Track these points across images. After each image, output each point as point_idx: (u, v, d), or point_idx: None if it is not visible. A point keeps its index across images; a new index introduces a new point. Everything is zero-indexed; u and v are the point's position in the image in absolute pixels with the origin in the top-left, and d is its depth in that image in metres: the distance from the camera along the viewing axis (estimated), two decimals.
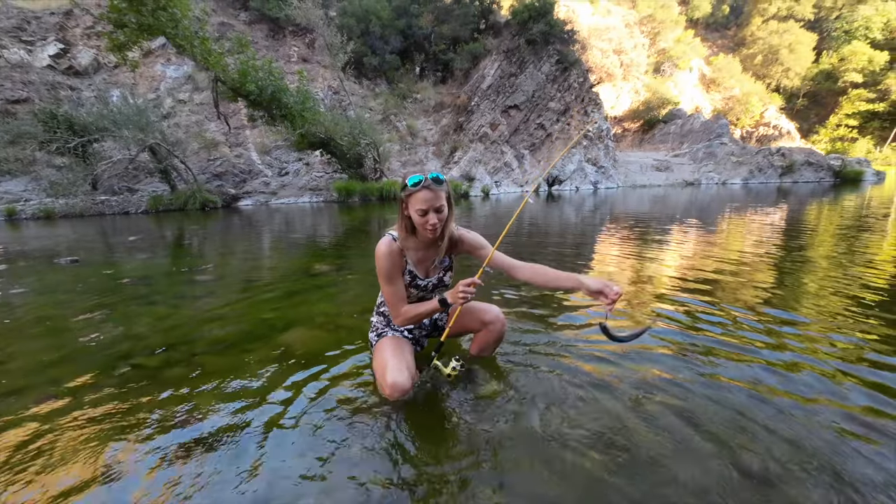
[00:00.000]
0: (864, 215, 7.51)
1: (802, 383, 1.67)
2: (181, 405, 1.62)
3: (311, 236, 6.92)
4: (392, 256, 1.52)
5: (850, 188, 17.06)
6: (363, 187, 16.53)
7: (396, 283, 1.56)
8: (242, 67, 12.91)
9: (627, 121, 35.13)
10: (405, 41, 23.05)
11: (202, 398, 1.67)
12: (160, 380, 1.84)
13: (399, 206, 1.49)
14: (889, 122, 37.16)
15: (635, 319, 2.46)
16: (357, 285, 3.44)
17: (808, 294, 2.91)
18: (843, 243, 4.79)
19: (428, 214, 1.42)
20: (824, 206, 9.78)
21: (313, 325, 2.49)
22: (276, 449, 1.35)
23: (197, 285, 3.66)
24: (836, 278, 3.24)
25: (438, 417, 1.51)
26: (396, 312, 1.57)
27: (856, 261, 3.84)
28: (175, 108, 17.93)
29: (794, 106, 42.23)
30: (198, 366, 1.97)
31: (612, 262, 4.16)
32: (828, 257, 4.10)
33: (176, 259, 5.29)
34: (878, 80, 37.28)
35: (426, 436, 1.40)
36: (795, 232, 5.90)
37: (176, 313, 2.85)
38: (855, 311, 2.48)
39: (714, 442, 1.31)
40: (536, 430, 1.39)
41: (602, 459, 1.25)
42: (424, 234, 1.48)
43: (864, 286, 2.99)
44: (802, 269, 3.67)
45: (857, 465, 1.20)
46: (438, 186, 1.41)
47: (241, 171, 17.64)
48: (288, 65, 20.26)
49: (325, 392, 1.68)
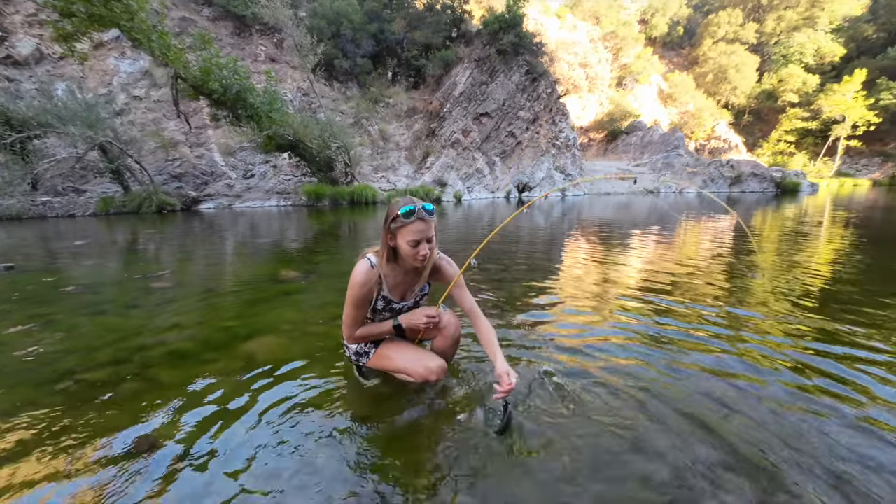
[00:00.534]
0: (803, 222, 8.23)
1: (755, 370, 1.80)
2: (132, 423, 1.51)
3: (278, 241, 6.69)
4: (368, 285, 1.50)
5: (790, 198, 18.65)
6: (334, 191, 16.22)
7: (361, 309, 1.57)
8: (205, 65, 12.35)
9: (593, 131, 36.70)
10: (377, 45, 22.97)
11: (156, 414, 1.56)
12: (109, 396, 1.71)
13: (384, 233, 1.45)
14: (821, 139, 41.04)
15: (602, 315, 2.55)
16: (327, 292, 3.36)
17: (758, 292, 3.14)
18: (786, 247, 5.23)
19: (420, 245, 1.40)
20: (769, 214, 10.62)
21: (279, 333, 2.40)
22: (238, 466, 1.29)
23: (152, 293, 3.44)
24: (782, 278, 3.53)
25: (409, 425, 1.49)
26: (349, 333, 1.62)
27: (796, 262, 4.19)
28: (130, 105, 16.86)
29: (741, 121, 45.72)
30: (151, 379, 1.85)
31: (579, 264, 4.31)
32: (773, 260, 4.45)
33: (128, 265, 4.95)
34: (811, 100, 41.14)
35: (395, 444, 1.39)
36: (745, 237, 6.36)
37: (127, 323, 2.66)
38: (798, 305, 2.71)
39: (678, 427, 1.38)
40: (506, 434, 1.41)
41: (568, 457, 1.28)
42: (413, 263, 1.46)
43: (803, 285, 3.28)
44: (752, 269, 3.96)
45: (812, 436, 1.30)
46: (430, 217, 1.40)
47: (202, 173, 16.81)
48: (255, 64, 19.62)
49: (292, 404, 1.62)
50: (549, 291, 3.24)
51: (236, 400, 1.65)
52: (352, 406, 1.60)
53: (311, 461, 1.29)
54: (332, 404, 1.61)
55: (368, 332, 1.63)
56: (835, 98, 38.16)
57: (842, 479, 1.19)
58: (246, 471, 1.26)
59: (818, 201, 15.64)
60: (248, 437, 1.42)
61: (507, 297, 3.06)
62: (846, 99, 37.52)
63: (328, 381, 1.79)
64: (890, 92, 36.47)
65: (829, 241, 5.80)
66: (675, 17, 51.92)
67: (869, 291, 3.15)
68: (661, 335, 2.28)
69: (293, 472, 1.25)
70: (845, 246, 5.36)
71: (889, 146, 38.79)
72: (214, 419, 1.52)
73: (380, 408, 1.58)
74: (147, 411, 1.58)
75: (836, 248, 5.25)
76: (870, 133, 38.33)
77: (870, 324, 2.43)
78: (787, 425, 1.45)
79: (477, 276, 3.73)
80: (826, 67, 43.30)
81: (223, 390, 1.72)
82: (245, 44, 20.51)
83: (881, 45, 41.08)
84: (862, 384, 1.74)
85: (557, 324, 2.49)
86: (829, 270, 3.94)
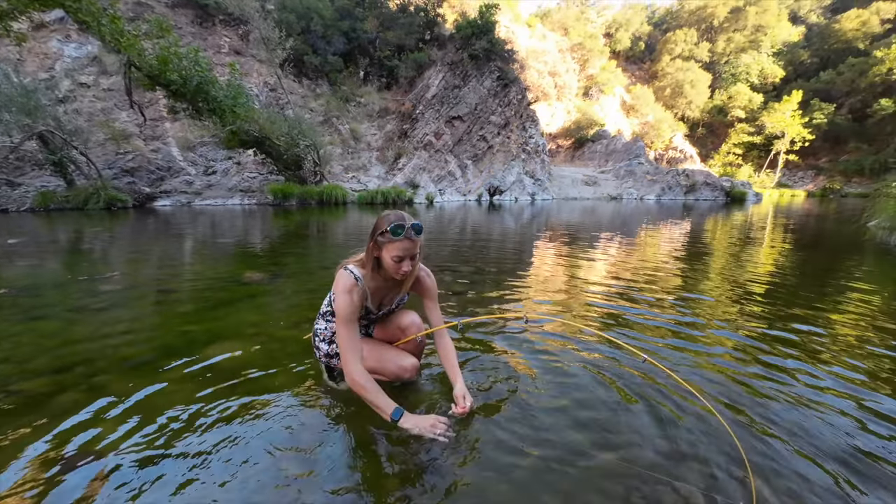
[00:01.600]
0: (749, 228, 8.91)
1: (709, 354, 1.92)
2: (75, 437, 1.39)
3: (241, 241, 6.39)
4: (354, 298, 1.43)
5: (738, 206, 20.14)
6: (302, 190, 15.74)
7: (354, 328, 1.44)
8: (162, 54, 11.64)
9: (561, 138, 37.92)
10: (349, 43, 22.59)
11: (103, 427, 1.45)
12: (49, 408, 1.57)
13: (369, 243, 1.45)
14: (764, 153, 44.72)
15: (572, 314, 2.63)
16: (295, 294, 3.25)
17: (711, 288, 3.37)
18: (735, 249, 5.64)
19: (403, 262, 1.41)
20: (719, 220, 11.42)
21: (242, 337, 2.29)
22: (194, 479, 1.22)
23: (99, 296, 3.19)
24: (730, 275, 3.80)
25: (380, 427, 1.47)
26: (350, 367, 1.39)
27: (743, 260, 4.54)
28: (75, 93, 15.56)
29: (695, 134, 48.88)
30: (98, 389, 1.71)
31: (548, 265, 4.43)
32: (723, 260, 4.78)
33: (72, 266, 4.55)
34: (756, 116, 44.73)
35: (365, 447, 1.36)
36: (699, 241, 6.80)
37: (70, 329, 2.45)
38: (745, 298, 2.93)
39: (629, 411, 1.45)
40: (476, 432, 1.42)
41: (540, 453, 1.31)
42: (394, 276, 1.46)
43: (749, 280, 3.55)
44: (706, 267, 4.24)
45: (757, 419, 1.41)
46: (418, 236, 1.40)
47: (158, 168, 15.80)
48: (218, 56, 18.71)
49: (255, 412, 1.55)
50: (517, 291, 3.31)
51: (194, 409, 1.56)
52: (321, 411, 1.56)
53: (277, 472, 1.25)
54: (301, 410, 1.56)
55: (366, 392, 1.38)
56: (775, 115, 41.71)
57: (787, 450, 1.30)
58: (203, 486, 1.19)
59: (762, 209, 16.99)
60: (207, 449, 1.34)
61: (478, 297, 3.09)
62: (785, 117, 41.12)
63: (296, 386, 1.73)
64: (822, 112, 40.39)
65: (772, 244, 6.32)
66: (637, 32, 54.85)
67: (802, 285, 3.46)
68: (627, 331, 2.39)
69: (257, 487, 1.19)
70: (784, 249, 5.86)
71: (821, 161, 42.90)
72: (169, 431, 1.43)
73: (350, 411, 1.55)
74: (90, 424, 1.46)
75: (778, 250, 5.74)
76: (805, 149, 42.28)
77: (801, 315, 2.67)
78: (738, 415, 1.56)
79: (448, 277, 3.74)
80: (769, 87, 47.26)
81: (180, 399, 1.62)
82: (207, 34, 19.52)
83: (815, 70, 45.39)
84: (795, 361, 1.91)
85: (525, 321, 2.55)
86: (769, 270, 4.29)
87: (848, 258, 5.35)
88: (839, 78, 41.52)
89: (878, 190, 7.16)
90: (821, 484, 1.21)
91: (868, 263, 4.98)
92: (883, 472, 1.27)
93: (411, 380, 1.69)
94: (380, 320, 1.77)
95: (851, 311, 2.91)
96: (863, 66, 39.44)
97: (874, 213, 7.33)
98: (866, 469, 1.29)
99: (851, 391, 1.78)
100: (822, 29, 48.29)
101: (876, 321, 2.68)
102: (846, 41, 44.01)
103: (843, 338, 2.40)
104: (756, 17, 48.63)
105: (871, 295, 3.31)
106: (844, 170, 39.73)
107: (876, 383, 1.86)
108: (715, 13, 51.26)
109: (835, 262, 5.12)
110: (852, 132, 40.05)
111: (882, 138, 37.67)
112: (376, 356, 1.65)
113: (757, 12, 48.52)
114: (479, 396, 1.66)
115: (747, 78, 47.75)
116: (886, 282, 3.93)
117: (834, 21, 46.72)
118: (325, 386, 1.73)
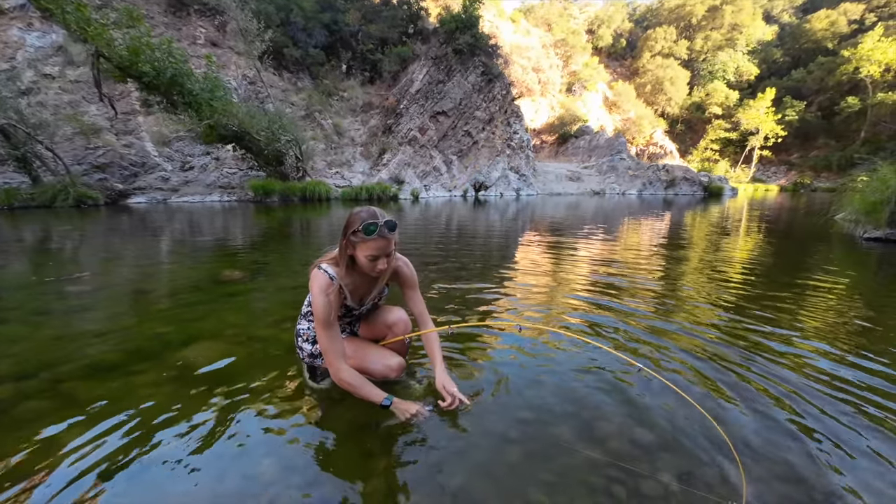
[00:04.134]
0: (725, 221, 9.19)
1: (689, 341, 1.97)
2: (39, 446, 1.32)
3: (220, 239, 6.21)
4: (330, 297, 1.38)
5: (715, 200, 20.73)
6: (284, 187, 15.41)
7: (334, 328, 1.40)
8: (133, 44, 11.14)
9: (545, 133, 38.22)
10: (331, 36, 22.13)
11: (70, 435, 1.38)
12: (11, 416, 1.48)
13: (341, 242, 1.39)
14: (739, 148, 46.17)
15: (552, 306, 2.65)
16: (277, 293, 3.18)
17: (689, 277, 3.45)
18: (713, 240, 5.81)
19: (378, 260, 1.37)
20: (698, 214, 11.73)
21: (221, 338, 2.22)
22: (167, 487, 1.17)
23: (67, 297, 3.04)
24: (707, 265, 3.91)
25: (364, 425, 1.45)
26: (335, 367, 1.39)
27: (721, 251, 4.67)
28: (39, 84, 14.77)
29: (675, 130, 50.03)
30: (65, 395, 1.63)
31: (532, 260, 4.46)
32: (702, 251, 4.92)
33: (38, 266, 4.33)
34: (732, 113, 46.09)
35: (349, 445, 1.34)
36: (679, 233, 6.97)
37: (36, 333, 2.33)
38: (721, 286, 3.02)
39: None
40: (459, 427, 1.42)
41: (524, 448, 1.32)
42: (370, 273, 1.43)
43: (725, 269, 3.66)
44: (685, 259, 4.35)
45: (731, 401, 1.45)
46: (392, 234, 1.35)
47: (131, 164, 15.19)
48: (193, 47, 18.05)
49: (234, 415, 1.51)
50: (502, 286, 3.32)
51: (169, 415, 1.50)
52: (303, 412, 1.52)
53: (257, 476, 1.21)
54: (282, 412, 1.52)
55: (356, 388, 1.40)
56: (750, 112, 43.07)
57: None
58: (177, 494, 1.15)
59: (738, 203, 17.55)
60: (182, 456, 1.29)
61: (462, 292, 3.09)
62: (759, 113, 42.51)
63: (278, 388, 1.69)
64: (793, 109, 41.91)
65: (747, 235, 6.53)
66: (618, 29, 55.57)
67: (775, 272, 3.59)
68: (605, 327, 2.42)
69: (235, 491, 1.16)
70: (759, 239, 6.07)
71: (792, 156, 44.57)
72: (141, 437, 1.37)
73: (332, 411, 1.52)
74: (55, 433, 1.39)
75: (753, 240, 5.93)
76: (778, 144, 43.83)
77: (773, 300, 2.77)
78: (714, 406, 1.60)
79: (434, 273, 3.72)
80: (744, 84, 48.70)
81: (154, 404, 1.56)
82: (181, 24, 18.79)
83: (787, 68, 47.01)
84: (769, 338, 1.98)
85: (509, 316, 2.56)
86: (744, 258, 4.43)
87: (816, 249, 5.58)
88: (809, 76, 43.14)
89: (845, 184, 7.47)
90: (801, 461, 1.25)
91: (835, 253, 5.21)
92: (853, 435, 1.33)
93: (398, 379, 1.67)
94: (365, 317, 1.74)
95: (822, 296, 3.03)
96: (831, 65, 41.08)
97: (841, 207, 7.65)
98: (837, 431, 1.34)
99: (823, 365, 1.85)
100: (793, 28, 50.00)
101: (841, 303, 2.80)
102: (816, 41, 45.72)
103: (814, 320, 2.50)
104: (732, 16, 49.95)
105: (840, 280, 3.46)
106: (814, 165, 41.42)
107: (841, 357, 1.94)
108: (693, 11, 52.39)
109: (805, 252, 5.33)
110: (821, 129, 41.74)
111: (848, 135, 39.43)
112: (361, 355, 1.62)
113: (733, 11, 49.83)
114: (463, 392, 1.65)
115: (724, 75, 49.10)
116: (852, 269, 4.12)
117: (805, 21, 48.44)
118: (308, 386, 1.69)
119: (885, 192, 5.85)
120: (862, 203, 6.38)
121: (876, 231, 5.96)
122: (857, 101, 37.45)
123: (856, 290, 3.33)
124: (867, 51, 37.16)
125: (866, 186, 6.48)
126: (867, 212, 6.24)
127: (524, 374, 1.83)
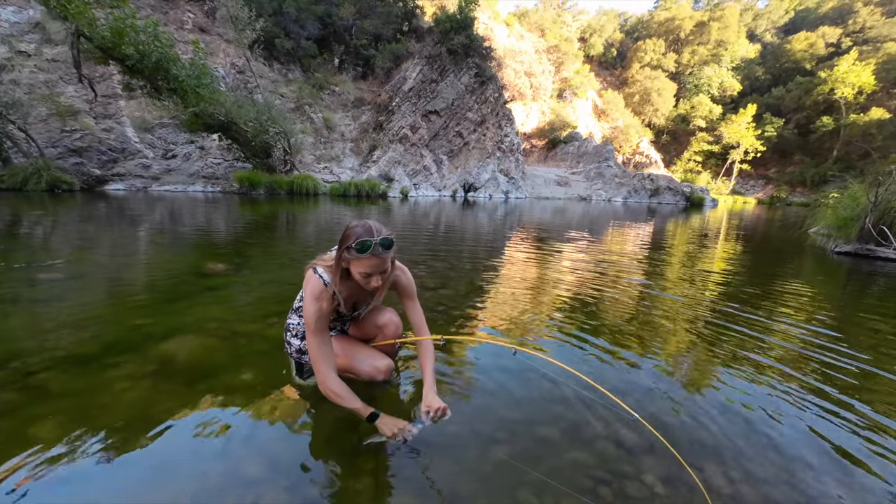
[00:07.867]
0: (706, 229, 9.47)
1: (671, 355, 2.02)
2: (7, 441, 1.26)
3: (203, 230, 6.05)
4: (322, 304, 1.34)
5: (696, 210, 21.34)
6: (270, 179, 15.10)
7: (324, 335, 1.36)
8: (116, 25, 10.73)
9: (535, 138, 38.58)
10: (324, 29, 21.83)
11: (40, 430, 1.31)
12: None
13: (338, 254, 1.33)
14: (721, 161, 47.69)
15: (538, 308, 2.68)
16: (261, 286, 3.11)
17: (673, 281, 3.54)
18: (693, 248, 5.98)
19: (372, 277, 1.31)
20: (680, 223, 12.05)
21: (203, 332, 2.16)
22: (146, 484, 1.13)
23: (39, 285, 2.91)
24: (690, 270, 4.02)
25: (350, 426, 1.43)
26: (322, 375, 1.34)
27: (701, 258, 4.81)
28: (13, 61, 14.07)
29: (660, 140, 51.25)
30: (36, 388, 1.56)
31: (518, 262, 4.50)
32: (684, 257, 5.05)
33: (6, 253, 4.13)
34: (715, 126, 47.54)
35: (334, 446, 1.32)
36: (663, 241, 7.14)
37: (2, 322, 2.22)
38: (704, 291, 3.11)
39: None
40: (447, 430, 1.42)
41: (511, 450, 1.32)
42: (365, 287, 1.37)
43: (707, 272, 3.77)
44: (669, 264, 4.46)
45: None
46: (386, 252, 1.28)
47: (110, 149, 14.63)
48: (180, 32, 17.53)
49: (217, 412, 1.47)
50: (490, 288, 3.33)
51: (147, 410, 1.45)
52: (289, 410, 1.50)
53: (240, 475, 1.18)
54: (268, 409, 1.49)
55: (341, 398, 1.33)
56: (732, 126, 44.51)
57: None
58: (158, 492, 1.11)
59: (718, 214, 18.10)
60: (162, 453, 1.25)
61: (452, 293, 3.09)
62: (740, 128, 43.97)
63: (263, 384, 1.65)
64: (772, 125, 43.53)
65: (725, 243, 6.74)
66: (610, 39, 56.58)
67: (751, 276, 3.72)
68: (594, 329, 2.46)
69: (217, 490, 1.13)
70: (736, 248, 6.28)
71: (770, 171, 46.28)
72: (117, 434, 1.32)
73: (319, 409, 1.50)
74: (25, 428, 1.32)
75: (731, 248, 6.13)
76: (757, 159, 45.50)
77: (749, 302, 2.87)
78: (698, 404, 1.64)
79: (423, 273, 3.71)
80: (727, 99, 50.28)
81: (131, 399, 1.51)
82: (168, 7, 18.22)
83: (767, 86, 48.76)
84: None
85: (497, 318, 2.57)
86: (723, 265, 4.57)
87: (791, 260, 5.80)
88: (788, 95, 44.86)
89: (818, 200, 7.80)
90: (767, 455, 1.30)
91: (807, 265, 5.43)
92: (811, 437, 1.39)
93: (385, 380, 1.63)
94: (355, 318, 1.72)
95: (792, 304, 3.15)
96: (808, 86, 42.83)
97: (814, 221, 7.99)
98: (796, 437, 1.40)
99: (789, 372, 1.93)
100: (775, 48, 51.93)
101: (812, 312, 2.92)
102: (796, 61, 47.60)
103: (785, 327, 2.59)
104: (718, 33, 51.48)
105: (810, 290, 3.61)
106: (790, 180, 43.09)
107: (806, 363, 2.03)
108: (682, 26, 53.79)
109: (780, 263, 5.54)
110: (797, 146, 43.49)
111: (822, 153, 41.22)
112: (350, 354, 1.60)
113: (719, 28, 51.37)
114: (451, 397, 1.65)
115: (708, 89, 50.59)
116: (823, 280, 4.30)
117: (786, 41, 50.39)
118: (295, 383, 1.66)
119: (856, 209, 6.14)
120: (834, 218, 6.68)
121: (846, 245, 6.24)
122: (832, 121, 39.17)
123: (824, 300, 3.47)
124: (842, 73, 38.94)
125: (837, 203, 6.79)
126: (839, 227, 6.53)
127: (511, 376, 1.84)
